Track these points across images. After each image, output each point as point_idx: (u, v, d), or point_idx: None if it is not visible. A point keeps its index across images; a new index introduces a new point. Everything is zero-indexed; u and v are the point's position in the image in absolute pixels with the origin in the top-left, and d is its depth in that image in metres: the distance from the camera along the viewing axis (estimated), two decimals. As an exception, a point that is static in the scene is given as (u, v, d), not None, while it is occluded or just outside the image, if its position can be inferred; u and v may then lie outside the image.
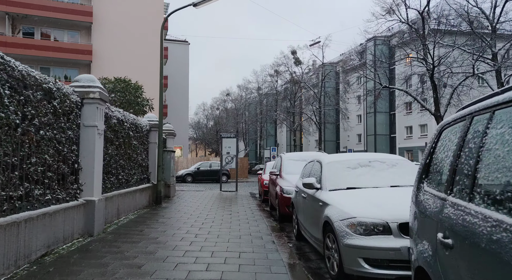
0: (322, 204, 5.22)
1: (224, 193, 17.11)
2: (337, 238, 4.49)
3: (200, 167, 29.64)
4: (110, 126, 8.12)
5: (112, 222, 8.01)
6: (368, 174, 5.65)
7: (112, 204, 7.98)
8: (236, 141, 18.49)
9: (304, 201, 6.41)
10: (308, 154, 11.50)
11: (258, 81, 61.47)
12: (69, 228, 5.86)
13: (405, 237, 4.11)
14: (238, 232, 7.47)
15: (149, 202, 11.54)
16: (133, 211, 9.72)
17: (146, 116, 12.12)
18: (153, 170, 11.97)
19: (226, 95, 72.23)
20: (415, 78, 29.13)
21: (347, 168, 5.85)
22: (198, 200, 13.46)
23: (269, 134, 66.19)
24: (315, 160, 6.81)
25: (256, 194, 18.09)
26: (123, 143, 9.06)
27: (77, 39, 31.42)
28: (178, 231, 7.40)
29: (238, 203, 12.99)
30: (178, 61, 46.81)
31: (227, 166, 18.51)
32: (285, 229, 8.59)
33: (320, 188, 5.68)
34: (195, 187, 24.00)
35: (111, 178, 8.21)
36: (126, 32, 31.38)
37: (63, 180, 5.88)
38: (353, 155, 6.53)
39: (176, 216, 9.50)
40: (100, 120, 6.94)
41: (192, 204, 12.16)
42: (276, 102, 55.02)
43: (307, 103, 48.12)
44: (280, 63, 51.65)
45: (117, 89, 14.63)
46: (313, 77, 51.16)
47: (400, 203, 4.62)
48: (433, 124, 40.06)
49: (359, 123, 53.82)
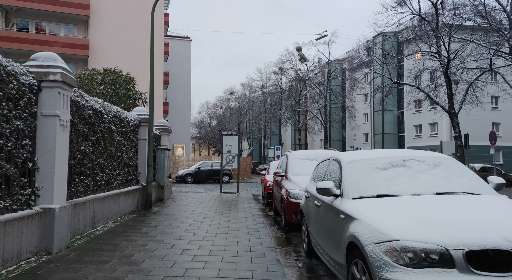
0: (345, 217, 3.87)
1: (224, 195, 15.78)
2: (371, 270, 3.12)
3: (201, 167, 28.31)
4: (84, 117, 6.80)
5: (85, 233, 6.68)
6: (405, 177, 4.26)
7: (85, 211, 6.65)
8: (238, 139, 17.15)
9: (317, 210, 5.05)
10: (318, 152, 10.11)
11: (262, 79, 60.21)
12: (13, 246, 4.53)
13: (477, 273, 2.75)
14: (236, 246, 6.13)
15: (138, 207, 10.22)
16: (115, 217, 8.39)
17: (135, 109, 10.81)
18: (143, 170, 10.65)
19: (229, 94, 71.04)
20: (425, 74, 27.65)
21: (375, 169, 4.46)
22: (194, 204, 12.13)
23: (273, 133, 64.81)
24: (330, 158, 5.43)
25: (259, 196, 16.74)
26: (102, 139, 7.74)
27: (74, 33, 30.18)
28: (163, 245, 6.06)
29: (239, 207, 11.65)
30: (180, 58, 45.52)
31: (228, 165, 17.18)
32: (292, 241, 7.23)
33: (340, 195, 4.32)
34: (194, 188, 22.69)
35: (85, 180, 6.89)
36: (125, 26, 30.13)
37: (8, 183, 4.56)
38: (380, 152, 5.10)
39: (164, 223, 8.17)
40: (64, 108, 5.61)
41: (187, 209, 10.83)
42: (281, 100, 53.65)
43: (313, 101, 46.68)
44: (285, 60, 50.29)
45: (106, 81, 13.33)
46: (318, 75, 49.76)
47: (463, 218, 3.26)
48: (444, 123, 38.57)
49: (366, 122, 52.31)
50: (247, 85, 64.43)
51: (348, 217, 3.80)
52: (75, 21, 30.19)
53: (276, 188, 10.04)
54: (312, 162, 8.98)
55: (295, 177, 8.48)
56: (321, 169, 5.78)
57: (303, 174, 8.51)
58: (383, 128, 47.31)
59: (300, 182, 8.11)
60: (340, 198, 4.29)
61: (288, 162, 9.25)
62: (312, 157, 9.25)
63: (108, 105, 8.26)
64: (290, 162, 9.22)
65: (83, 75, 13.44)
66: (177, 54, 44.64)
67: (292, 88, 50.40)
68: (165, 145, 13.59)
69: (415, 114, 43.48)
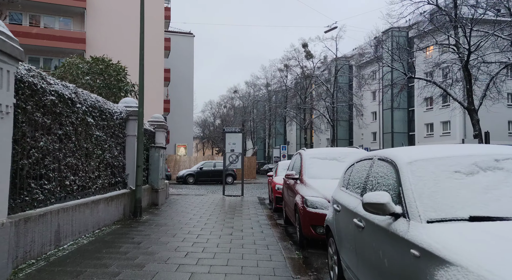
0: (421, 255, 2.29)
1: (227, 198, 14.24)
2: None
3: (203, 167, 26.77)
4: (44, 105, 5.27)
5: (42, 254, 5.14)
6: (507, 187, 2.71)
7: (44, 226, 5.13)
8: (242, 137, 15.61)
9: (359, 233, 3.47)
10: (339, 150, 8.49)
11: (267, 76, 58.72)
12: None
13: None
14: (241, 274, 4.59)
15: (125, 215, 8.70)
16: (92, 230, 6.87)
17: (123, 101, 9.28)
18: (132, 172, 9.12)
19: (233, 92, 69.63)
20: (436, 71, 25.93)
21: (454, 173, 2.89)
22: (192, 210, 10.60)
23: (278, 133, 63.15)
24: (374, 157, 3.83)
25: (266, 199, 15.20)
26: (74, 133, 6.22)
27: (70, 27, 28.75)
28: (142, 273, 4.52)
29: (244, 213, 10.11)
30: (182, 54, 44.01)
31: (231, 166, 15.64)
32: (313, 264, 5.66)
33: (403, 214, 2.75)
34: (195, 189, 21.16)
35: (46, 185, 5.36)
36: (123, 18, 28.65)
37: None
38: (453, 148, 3.50)
39: (152, 237, 6.64)
40: (4, 89, 4.08)
41: (183, 216, 9.30)
42: (286, 99, 52.04)
43: (319, 99, 45.04)
44: (290, 57, 48.66)
45: (93, 70, 11.81)
46: (325, 73, 48.11)
47: None
48: (458, 121, 36.82)
49: (374, 121, 50.58)
50: (251, 83, 62.97)
51: (427, 256, 2.23)
52: (71, 14, 28.76)
53: (287, 193, 8.48)
54: (332, 162, 7.43)
55: (313, 181, 6.91)
56: (358, 173, 4.20)
57: (322, 177, 6.96)
58: (393, 126, 45.60)
59: (320, 187, 6.56)
60: (403, 219, 2.71)
61: (303, 163, 7.66)
62: (332, 156, 7.68)
63: (84, 92, 6.73)
64: (306, 162, 7.63)
65: (67, 63, 11.93)
66: (179, 51, 43.14)
67: (298, 85, 48.79)
68: (160, 143, 12.07)
69: (426, 112, 41.75)
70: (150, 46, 30.40)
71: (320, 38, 46.39)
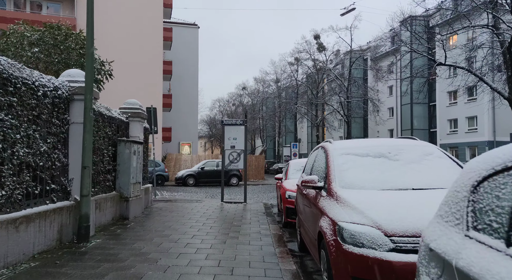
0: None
1: (226, 206, 11.41)
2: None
3: (204, 167, 23.92)
4: None
5: None
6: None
7: None
8: (244, 130, 12.74)
9: None
10: (389, 142, 5.40)
11: (276, 72, 55.70)
12: None
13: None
14: None
15: (62, 240, 5.88)
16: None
17: (66, 73, 6.44)
18: (77, 175, 6.30)
19: (242, 89, 66.83)
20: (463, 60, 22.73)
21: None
22: (173, 226, 7.77)
23: (288, 131, 60.09)
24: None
25: (274, 206, 12.36)
26: None
27: (59, 12, 26.17)
28: None
29: (242, 232, 7.26)
30: (186, 47, 41.23)
31: (231, 165, 12.78)
32: None
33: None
34: (193, 193, 18.36)
35: None
36: (116, 4, 26.04)
37: None
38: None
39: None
40: None
41: (155, 239, 6.47)
42: (297, 94, 48.99)
43: (333, 93, 41.92)
44: (301, 50, 45.57)
45: (45, 41, 9.01)
46: (338, 67, 44.92)
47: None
48: (486, 116, 33.41)
49: (391, 117, 47.26)
50: (260, 79, 59.98)
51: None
52: (60, -2, 26.23)
53: (304, 208, 5.55)
54: (379, 161, 4.51)
55: (352, 195, 3.93)
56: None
57: (367, 187, 4.05)
58: (412, 123, 42.31)
59: (366, 206, 3.62)
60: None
61: (331, 162, 4.65)
62: (377, 151, 4.72)
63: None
64: (335, 161, 4.65)
65: (11, 31, 9.10)
66: (182, 42, 40.39)
67: (309, 79, 45.75)
68: (135, 136, 9.27)
69: (449, 106, 38.45)
70: (146, 34, 27.75)
71: (333, 28, 43.13)
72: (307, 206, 5.19)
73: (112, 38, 26.62)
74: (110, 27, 26.36)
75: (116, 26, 26.53)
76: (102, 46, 26.79)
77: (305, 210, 5.41)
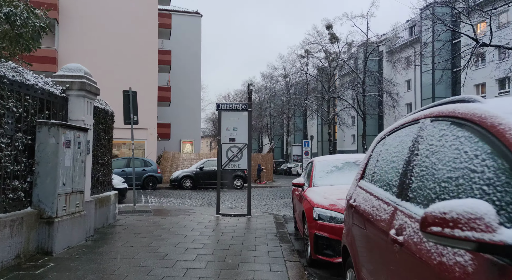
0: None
1: (223, 223, 8.10)
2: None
3: (203, 167, 20.60)
4: None
5: None
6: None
7: None
8: (248, 117, 9.40)
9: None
10: None
11: (285, 66, 52.29)
12: None
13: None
14: None
15: None
16: None
17: None
18: None
19: (248, 86, 63.43)
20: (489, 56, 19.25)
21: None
22: (123, 269, 4.50)
23: (298, 129, 56.49)
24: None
25: (289, 220, 9.07)
26: None
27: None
28: None
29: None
30: (187, 37, 37.92)
31: (230, 165, 9.40)
32: None
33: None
34: (187, 198, 15.05)
35: None
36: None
37: None
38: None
39: None
40: None
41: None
42: (307, 90, 45.46)
43: (347, 87, 38.39)
44: (312, 41, 42.07)
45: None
46: (350, 61, 41.31)
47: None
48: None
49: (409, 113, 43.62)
50: (267, 75, 56.46)
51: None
52: None
53: (366, 247, 2.26)
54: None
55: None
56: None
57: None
58: (434, 119, 38.57)
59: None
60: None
61: None
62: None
63: None
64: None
65: None
66: (182, 32, 37.11)
67: (321, 72, 42.24)
68: (78, 119, 5.99)
69: (477, 101, 34.78)
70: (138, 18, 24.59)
71: (347, 16, 39.12)
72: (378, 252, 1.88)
73: (102, 22, 23.51)
74: (98, 8, 23.29)
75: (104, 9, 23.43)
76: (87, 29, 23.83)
77: (372, 253, 2.11)
